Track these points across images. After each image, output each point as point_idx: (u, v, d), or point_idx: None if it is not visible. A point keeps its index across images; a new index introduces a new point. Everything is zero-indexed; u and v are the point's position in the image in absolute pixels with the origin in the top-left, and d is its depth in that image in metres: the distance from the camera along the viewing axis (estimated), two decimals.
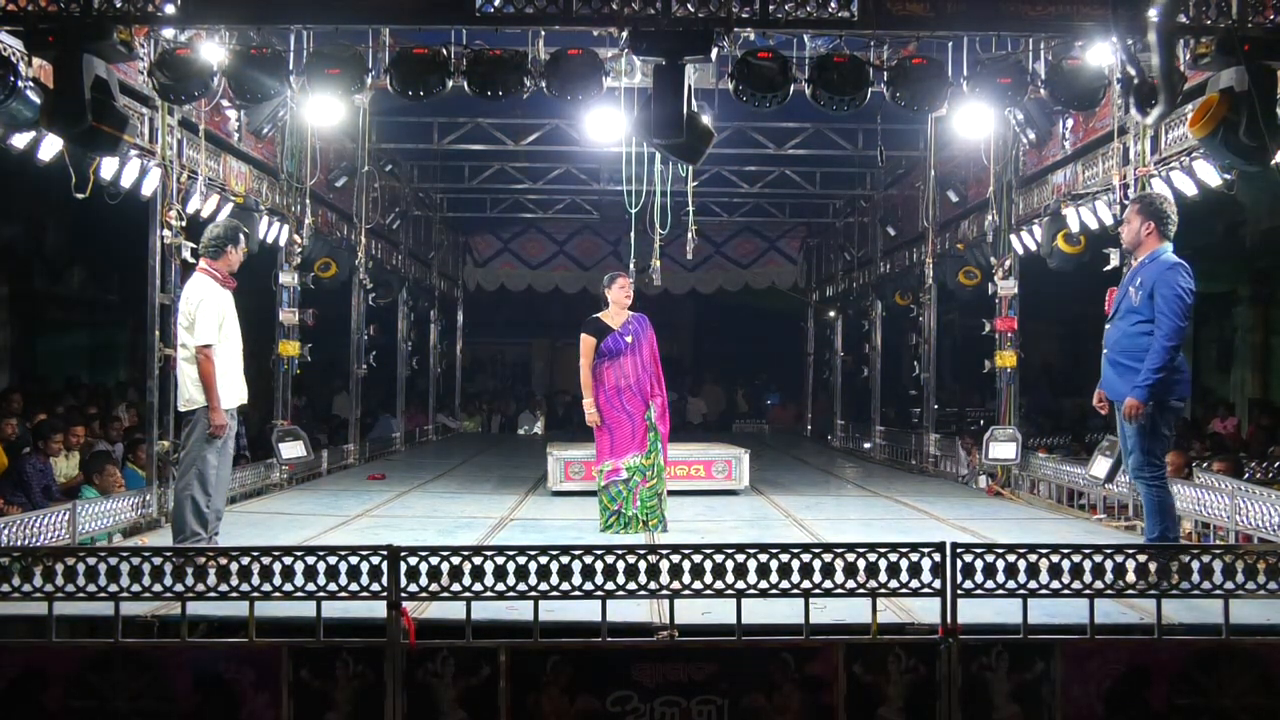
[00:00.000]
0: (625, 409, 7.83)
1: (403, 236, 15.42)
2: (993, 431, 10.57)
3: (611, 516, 7.82)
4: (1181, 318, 5.82)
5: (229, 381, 6.42)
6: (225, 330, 6.41)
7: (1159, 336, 5.82)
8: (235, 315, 6.52)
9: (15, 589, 4.71)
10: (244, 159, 9.62)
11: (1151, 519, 5.95)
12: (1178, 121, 7.55)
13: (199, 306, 6.31)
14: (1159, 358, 5.80)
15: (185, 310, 6.40)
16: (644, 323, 8.00)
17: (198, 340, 6.28)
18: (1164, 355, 5.79)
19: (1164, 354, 5.80)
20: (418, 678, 4.67)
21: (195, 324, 6.30)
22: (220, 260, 6.52)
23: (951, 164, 12.25)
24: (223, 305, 6.42)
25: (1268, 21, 6.43)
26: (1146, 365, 5.83)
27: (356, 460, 13.17)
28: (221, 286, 6.48)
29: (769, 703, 4.71)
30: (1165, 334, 5.81)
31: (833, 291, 18.81)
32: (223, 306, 6.42)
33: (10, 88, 6.34)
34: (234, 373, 6.50)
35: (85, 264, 15.90)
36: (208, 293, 6.38)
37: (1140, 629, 5.02)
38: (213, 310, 6.33)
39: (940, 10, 6.63)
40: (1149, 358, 5.83)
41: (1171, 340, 5.80)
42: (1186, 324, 5.87)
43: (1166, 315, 5.82)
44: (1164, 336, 5.81)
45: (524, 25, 6.96)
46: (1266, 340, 15.98)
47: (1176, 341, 5.82)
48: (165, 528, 7.97)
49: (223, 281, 6.50)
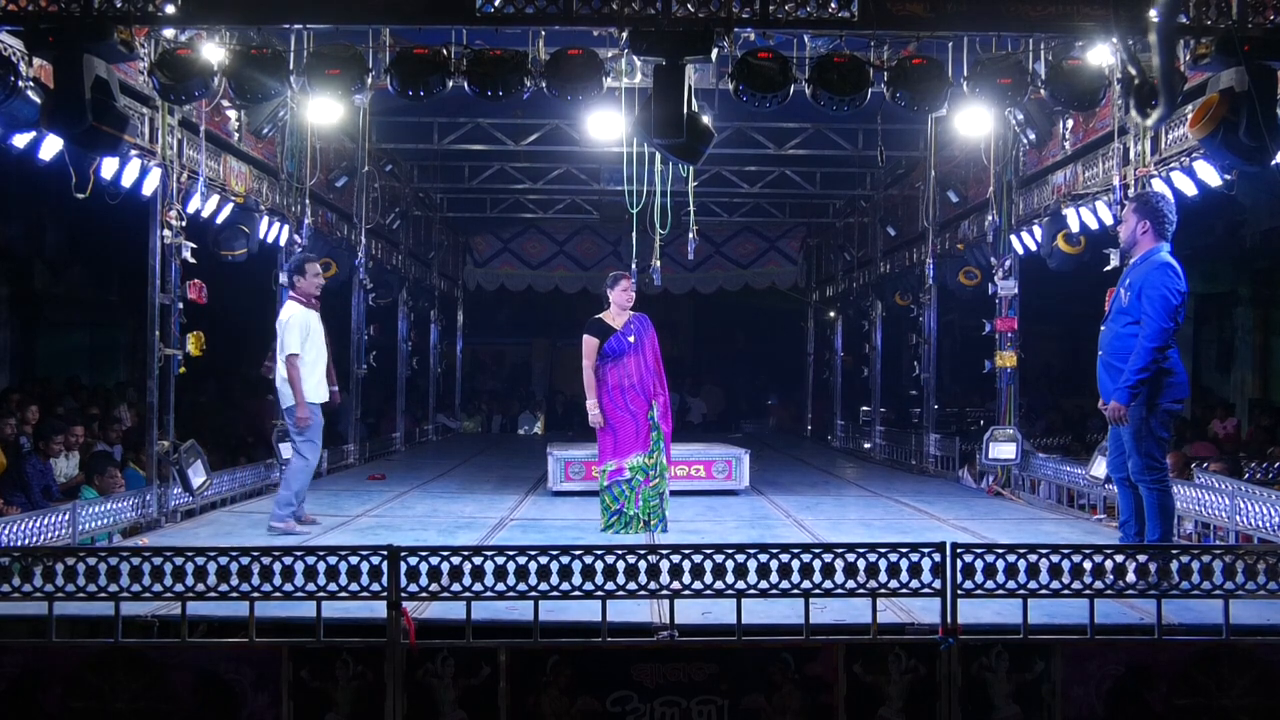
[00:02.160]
0: (629, 408, 7.84)
1: (403, 236, 15.42)
2: (993, 431, 10.57)
3: (614, 516, 7.83)
4: (1167, 319, 5.78)
5: (312, 384, 7.83)
6: (310, 341, 7.85)
7: (1142, 338, 5.80)
8: (321, 329, 7.98)
9: (15, 589, 4.71)
10: (244, 159, 9.62)
11: (1153, 521, 5.94)
12: (1178, 122, 7.55)
13: (284, 326, 7.84)
14: (1142, 359, 5.77)
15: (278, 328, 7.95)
16: (645, 323, 8.01)
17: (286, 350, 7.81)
18: (1147, 357, 5.76)
19: (1147, 355, 5.77)
20: (418, 678, 4.67)
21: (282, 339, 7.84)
22: (300, 285, 8.01)
23: (951, 164, 12.25)
24: (306, 321, 7.87)
25: (1268, 21, 6.43)
26: (1129, 367, 5.81)
27: (356, 460, 13.18)
28: (305, 307, 7.92)
29: (769, 703, 4.71)
30: (1148, 335, 5.78)
31: (833, 291, 18.81)
32: (307, 323, 7.86)
33: (10, 88, 6.34)
34: (316, 376, 7.90)
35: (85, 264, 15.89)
36: (292, 312, 7.87)
37: (1140, 629, 5.02)
38: (295, 326, 7.81)
39: (940, 10, 6.63)
40: (1132, 359, 5.81)
41: (1155, 342, 5.77)
42: (1173, 325, 5.82)
43: (1151, 317, 5.79)
44: (1146, 338, 5.78)
45: (524, 25, 6.95)
46: (1266, 340, 15.98)
47: (1160, 343, 5.78)
48: (165, 527, 7.99)
49: (306, 303, 7.95)
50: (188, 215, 8.35)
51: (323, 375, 7.96)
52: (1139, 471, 5.94)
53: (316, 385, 7.88)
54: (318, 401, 7.90)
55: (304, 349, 7.77)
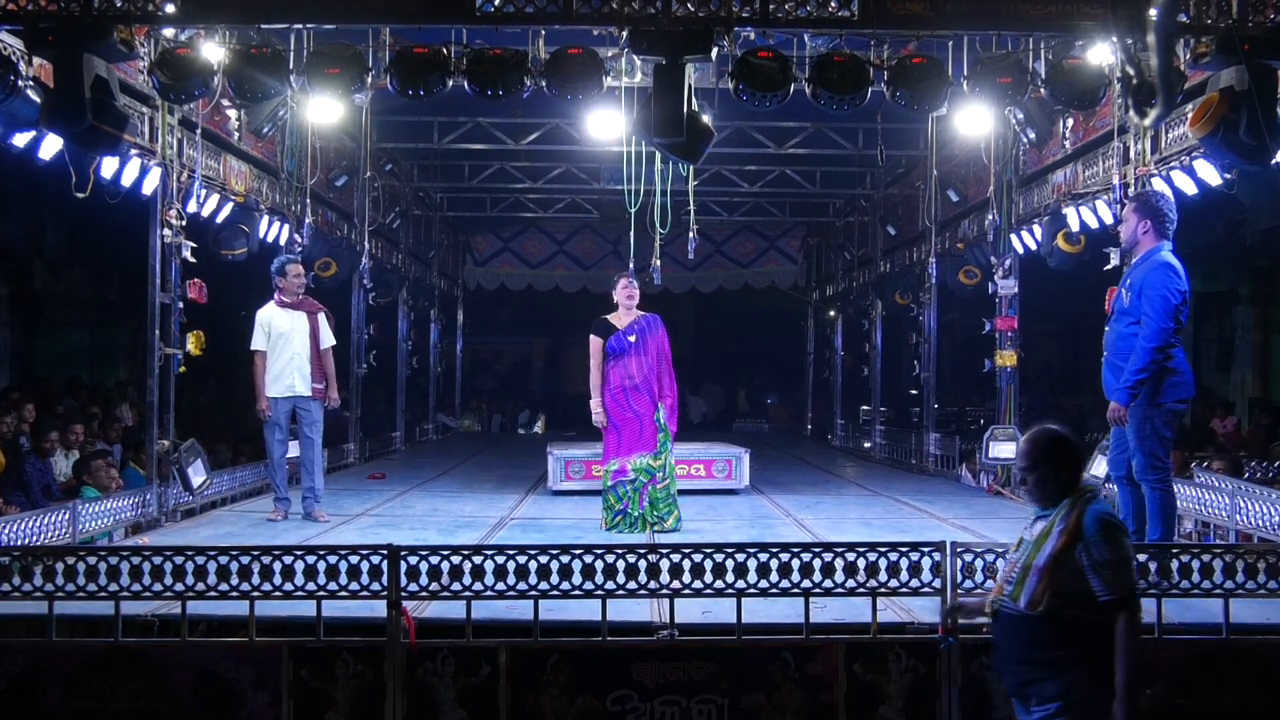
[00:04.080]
0: (632, 408, 7.84)
1: (403, 236, 15.41)
2: (993, 430, 10.57)
3: (617, 516, 7.83)
4: (1167, 319, 5.78)
5: (269, 378, 8.20)
6: (280, 340, 8.21)
7: (1142, 338, 5.80)
8: (300, 327, 8.26)
9: (15, 588, 4.72)
10: (244, 158, 9.62)
11: (1154, 520, 5.94)
12: (1178, 121, 7.54)
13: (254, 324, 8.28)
14: (1141, 359, 5.77)
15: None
16: (653, 323, 8.00)
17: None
18: (1146, 357, 5.76)
19: (1146, 356, 5.76)
20: (418, 677, 4.67)
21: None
22: (283, 286, 8.33)
23: (951, 163, 12.24)
24: (270, 319, 8.25)
25: (1268, 21, 6.43)
26: (1129, 367, 5.81)
27: (356, 460, 13.18)
28: (281, 307, 8.28)
29: (769, 702, 4.71)
30: (1148, 335, 5.78)
31: (833, 291, 18.81)
32: (270, 320, 8.24)
33: (10, 87, 6.33)
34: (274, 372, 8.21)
35: (85, 264, 15.90)
36: (261, 312, 8.29)
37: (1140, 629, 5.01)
38: (257, 325, 8.26)
39: (940, 10, 6.63)
40: (1132, 359, 5.81)
41: (1154, 342, 5.76)
42: (1174, 325, 5.81)
43: (1151, 317, 5.79)
44: (1146, 338, 5.78)
45: (524, 24, 6.95)
46: (1266, 340, 15.97)
47: (1160, 343, 5.78)
48: (165, 526, 7.99)
49: (291, 303, 8.30)
50: (187, 215, 8.35)
51: (293, 370, 8.18)
52: (1141, 470, 5.94)
53: (274, 380, 8.17)
54: (276, 396, 8.18)
55: (271, 346, 8.17)
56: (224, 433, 13.15)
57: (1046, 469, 3.76)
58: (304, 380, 8.21)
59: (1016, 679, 3.77)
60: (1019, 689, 3.75)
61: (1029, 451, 3.82)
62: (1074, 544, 3.62)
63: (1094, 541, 3.61)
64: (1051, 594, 3.62)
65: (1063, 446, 3.80)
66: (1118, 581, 3.58)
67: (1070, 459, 3.79)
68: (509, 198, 17.80)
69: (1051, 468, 3.76)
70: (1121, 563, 3.60)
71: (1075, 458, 3.82)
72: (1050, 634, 3.62)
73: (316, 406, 8.31)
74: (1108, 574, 3.57)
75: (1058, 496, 3.75)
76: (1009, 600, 3.75)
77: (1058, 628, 3.61)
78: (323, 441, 8.69)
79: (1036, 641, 3.65)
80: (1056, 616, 3.61)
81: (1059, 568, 3.62)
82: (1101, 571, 3.58)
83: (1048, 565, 3.64)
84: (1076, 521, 3.65)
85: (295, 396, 8.21)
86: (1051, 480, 3.76)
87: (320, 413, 8.39)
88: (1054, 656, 3.60)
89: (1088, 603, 3.58)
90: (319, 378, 8.30)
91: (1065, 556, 3.63)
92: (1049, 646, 3.62)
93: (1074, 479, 3.78)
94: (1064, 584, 3.62)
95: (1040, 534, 3.73)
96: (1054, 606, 3.61)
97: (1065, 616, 3.60)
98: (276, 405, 8.18)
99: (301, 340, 8.23)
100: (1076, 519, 3.66)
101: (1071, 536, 3.63)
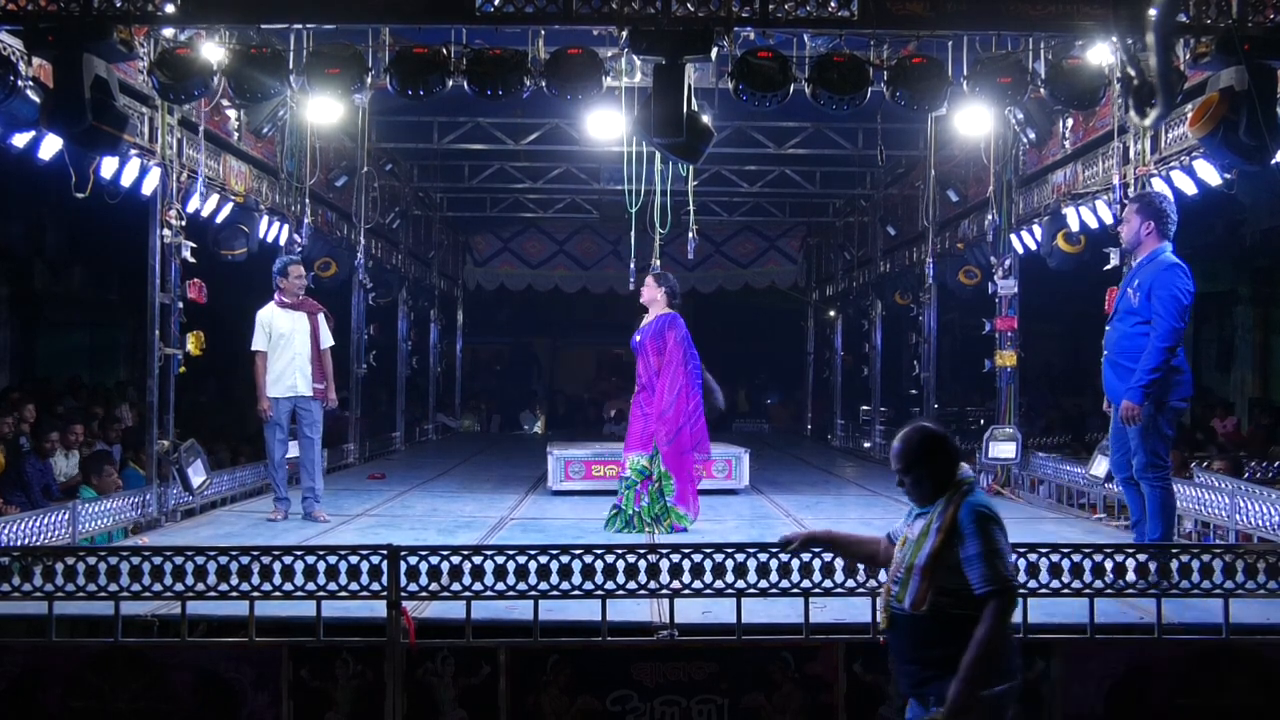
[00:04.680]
0: (640, 407, 7.96)
1: (403, 236, 15.41)
2: (992, 430, 10.57)
3: (613, 510, 7.92)
4: (1178, 319, 5.80)
5: (270, 378, 8.24)
6: (281, 340, 8.27)
7: (1154, 338, 5.81)
8: (300, 327, 8.32)
9: (15, 588, 4.71)
10: (244, 158, 9.61)
11: (1154, 519, 5.94)
12: (1178, 121, 7.54)
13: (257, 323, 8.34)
14: (1154, 359, 5.78)
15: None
16: (660, 324, 8.02)
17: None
18: (1159, 356, 5.78)
19: (1159, 355, 5.78)
20: (417, 677, 4.67)
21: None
22: (284, 286, 8.38)
23: (951, 163, 12.24)
24: (270, 320, 8.30)
25: (1268, 21, 6.43)
26: (1141, 366, 5.81)
27: (356, 460, 13.18)
28: (281, 307, 8.32)
29: (769, 702, 4.71)
30: (1160, 335, 5.79)
31: (833, 291, 18.81)
32: (270, 321, 8.30)
33: (10, 87, 6.33)
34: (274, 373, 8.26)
35: (85, 264, 15.89)
36: (261, 312, 8.34)
37: (1140, 629, 5.01)
38: (258, 326, 8.32)
39: (940, 10, 6.63)
40: (1144, 359, 5.81)
41: (1166, 341, 5.78)
42: (1183, 325, 5.84)
43: (1163, 317, 5.80)
44: (1159, 338, 5.80)
45: (524, 24, 6.95)
46: (1266, 340, 15.98)
47: (1172, 343, 5.80)
48: (165, 526, 7.99)
49: (291, 304, 8.35)
50: (187, 215, 8.35)
51: (294, 371, 8.24)
52: (1142, 469, 5.94)
53: (276, 380, 8.21)
54: (277, 396, 8.23)
55: (272, 346, 8.23)
56: (224, 433, 13.16)
57: (921, 470, 3.71)
58: (305, 380, 8.27)
59: (911, 679, 3.72)
60: (915, 689, 3.70)
61: (902, 452, 3.74)
62: (952, 540, 3.58)
63: (968, 534, 3.56)
64: (935, 592, 3.58)
65: (937, 444, 3.73)
66: (992, 573, 3.52)
67: (945, 456, 3.72)
68: (509, 198, 17.80)
69: (926, 468, 3.70)
70: (994, 554, 3.54)
71: (949, 454, 3.74)
72: (939, 633, 3.58)
73: (317, 407, 8.35)
74: (982, 566, 3.53)
75: (934, 494, 3.69)
76: (895, 601, 3.71)
77: (945, 626, 3.56)
78: (322, 442, 8.70)
79: (926, 641, 3.61)
80: (942, 614, 3.57)
81: (938, 566, 3.59)
82: (976, 564, 3.54)
83: (927, 565, 3.60)
84: (953, 517, 3.60)
85: (296, 397, 8.26)
86: (927, 479, 3.70)
87: (320, 413, 8.42)
88: (944, 654, 3.53)
89: (970, 597, 3.53)
90: (320, 378, 8.34)
91: (944, 553, 3.59)
92: (938, 645, 3.57)
93: (949, 475, 3.70)
94: (945, 581, 3.58)
95: (920, 533, 3.68)
96: (939, 605, 3.57)
97: (951, 615, 3.56)
98: (278, 405, 8.23)
99: (303, 340, 8.29)
100: (953, 514, 3.61)
101: (949, 533, 3.59)
